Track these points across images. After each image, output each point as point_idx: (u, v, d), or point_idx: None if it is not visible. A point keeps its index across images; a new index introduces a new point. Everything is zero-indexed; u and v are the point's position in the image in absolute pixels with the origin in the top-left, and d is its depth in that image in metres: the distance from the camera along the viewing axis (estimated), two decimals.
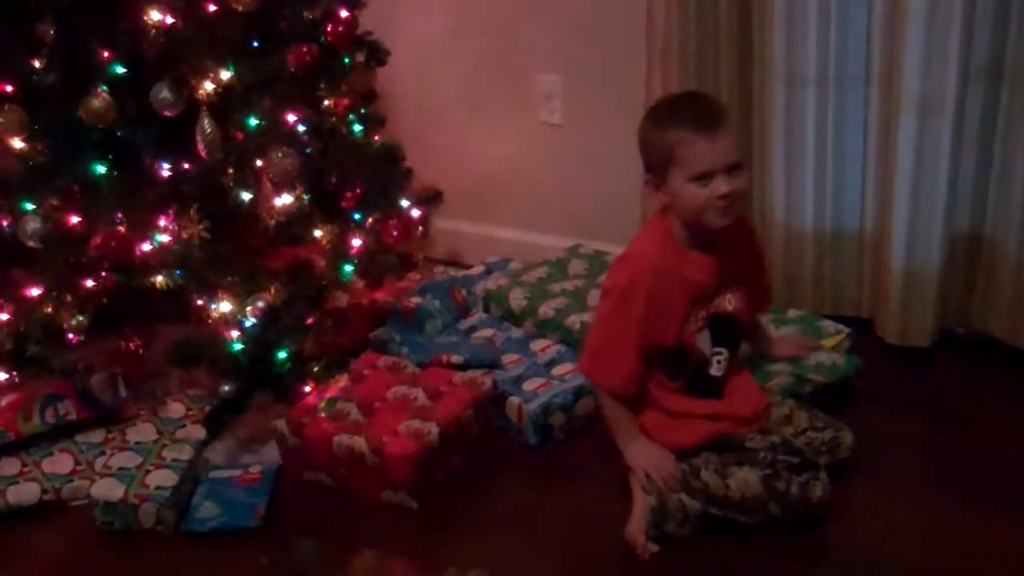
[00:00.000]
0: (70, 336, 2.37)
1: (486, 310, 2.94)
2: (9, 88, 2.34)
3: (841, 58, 2.60)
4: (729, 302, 2.17)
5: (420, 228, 3.01)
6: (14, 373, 2.44)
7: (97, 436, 2.48)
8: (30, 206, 2.36)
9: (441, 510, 2.28)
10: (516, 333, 2.78)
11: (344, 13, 2.62)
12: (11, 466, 2.38)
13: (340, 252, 2.54)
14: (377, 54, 2.74)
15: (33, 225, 2.34)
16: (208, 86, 2.29)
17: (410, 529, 2.24)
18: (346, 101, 2.63)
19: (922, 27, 2.40)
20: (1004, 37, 2.44)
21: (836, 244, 2.78)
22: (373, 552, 2.20)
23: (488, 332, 2.80)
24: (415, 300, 2.83)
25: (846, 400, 2.49)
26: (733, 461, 2.08)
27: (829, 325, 2.63)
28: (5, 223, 2.42)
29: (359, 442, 2.28)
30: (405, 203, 2.91)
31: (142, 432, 2.45)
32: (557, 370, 2.58)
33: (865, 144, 2.67)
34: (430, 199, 3.02)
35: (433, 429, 2.30)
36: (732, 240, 2.13)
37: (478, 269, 3.16)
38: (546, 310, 2.78)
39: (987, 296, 2.66)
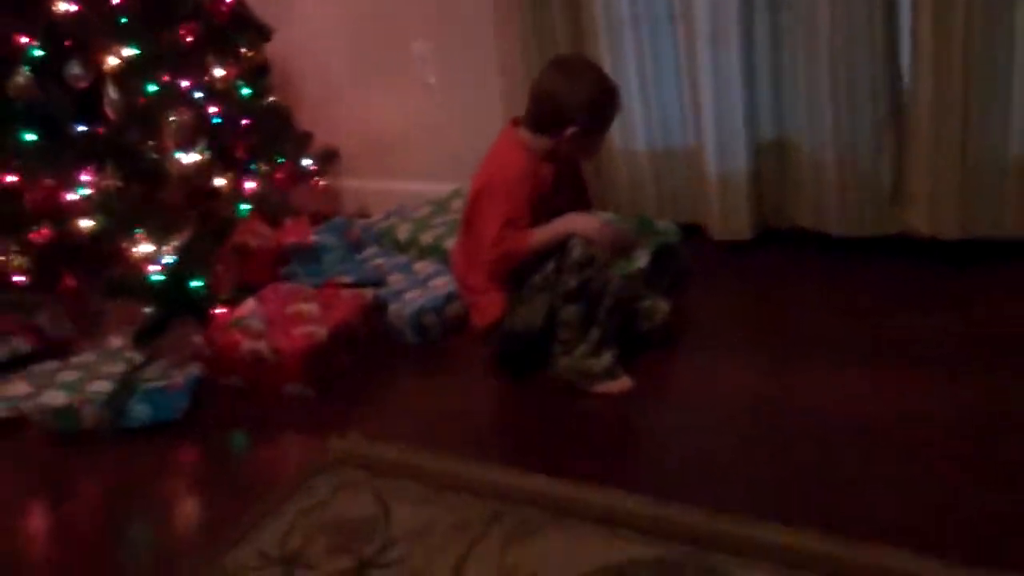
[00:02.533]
0: (17, 279, 2.84)
1: (380, 245, 3.41)
2: None
3: (649, 1, 3.09)
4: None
5: (320, 182, 3.53)
6: None
7: (49, 367, 2.94)
8: None
9: (334, 396, 2.75)
10: (402, 260, 3.26)
11: None
12: None
13: (237, 195, 3.02)
14: (261, 31, 3.22)
15: None
16: (112, 61, 2.78)
17: (307, 412, 2.71)
18: (235, 70, 3.10)
19: None
20: None
21: (668, 161, 3.27)
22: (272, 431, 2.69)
23: (379, 261, 3.28)
24: (314, 238, 3.30)
25: (679, 278, 2.98)
26: None
27: (661, 223, 3.11)
28: None
29: (262, 345, 2.76)
30: (307, 162, 3.41)
31: (85, 358, 2.92)
32: (433, 283, 3.06)
33: (678, 74, 3.15)
34: (328, 157, 3.53)
35: (322, 331, 2.78)
36: None
37: (378, 217, 3.63)
38: (427, 238, 3.26)
39: (795, 192, 3.13)
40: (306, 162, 3.46)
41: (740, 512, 1.98)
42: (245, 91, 3.18)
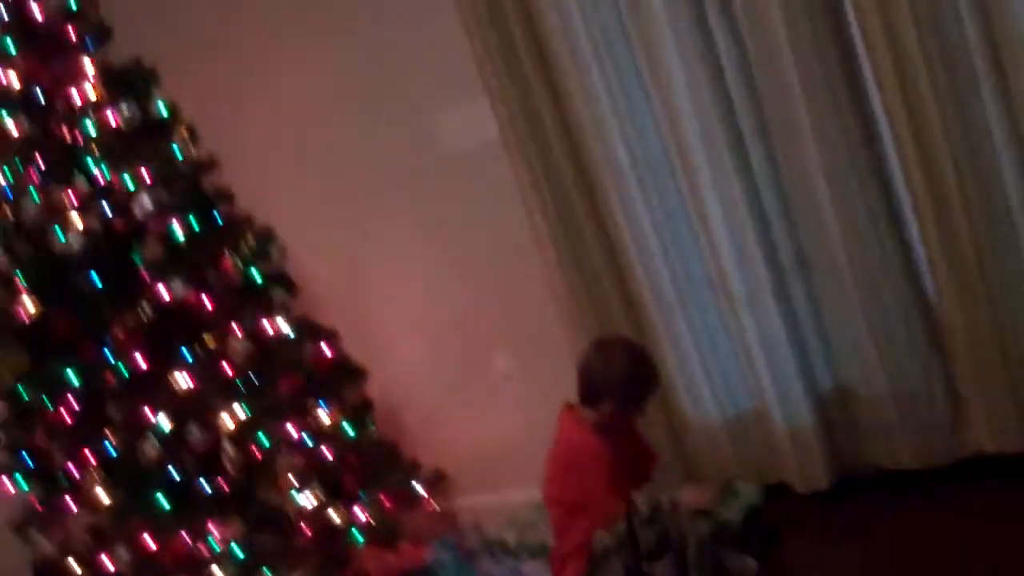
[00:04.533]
0: None
1: (492, 555, 3.62)
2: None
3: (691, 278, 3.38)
4: None
5: (433, 505, 3.81)
6: None
7: None
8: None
9: None
10: (512, 565, 3.46)
11: (325, 348, 3.53)
12: None
13: (351, 525, 3.31)
14: (358, 373, 3.62)
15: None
16: (227, 421, 3.18)
17: None
18: (338, 411, 3.47)
19: (725, 230, 3.19)
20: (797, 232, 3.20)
21: (739, 424, 3.45)
22: None
23: (492, 571, 3.48)
24: (428, 557, 3.54)
25: (769, 538, 3.10)
26: None
27: (743, 486, 3.30)
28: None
29: None
30: (418, 487, 3.71)
31: None
32: None
33: (730, 341, 3.39)
34: (437, 479, 3.83)
35: None
36: None
37: (492, 528, 3.84)
38: (534, 538, 3.47)
39: (863, 434, 3.27)
40: (417, 488, 3.75)
41: None
42: (350, 430, 3.53)
